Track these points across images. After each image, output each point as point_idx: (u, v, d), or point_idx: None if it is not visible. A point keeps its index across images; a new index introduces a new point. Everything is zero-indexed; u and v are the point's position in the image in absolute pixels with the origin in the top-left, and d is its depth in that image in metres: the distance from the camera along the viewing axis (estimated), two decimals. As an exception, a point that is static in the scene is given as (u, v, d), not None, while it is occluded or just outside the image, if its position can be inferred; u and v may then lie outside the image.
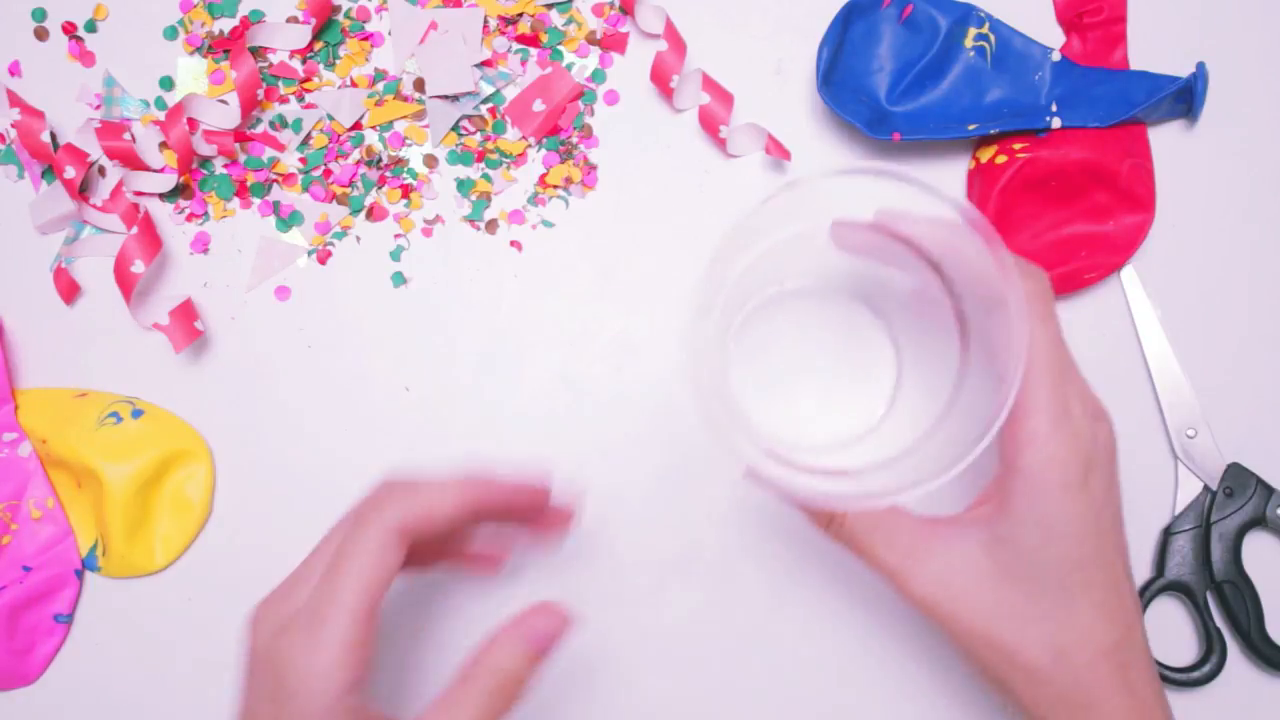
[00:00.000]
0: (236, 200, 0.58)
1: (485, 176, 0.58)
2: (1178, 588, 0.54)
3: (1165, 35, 0.57)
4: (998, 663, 0.37)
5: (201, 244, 0.57)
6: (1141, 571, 0.55)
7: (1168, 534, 0.54)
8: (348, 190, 0.58)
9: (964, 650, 0.38)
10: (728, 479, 0.56)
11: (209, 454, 0.56)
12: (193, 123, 0.57)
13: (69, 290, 0.57)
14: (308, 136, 0.58)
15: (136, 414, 0.55)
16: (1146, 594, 0.54)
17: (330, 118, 0.58)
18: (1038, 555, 0.35)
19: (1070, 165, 0.55)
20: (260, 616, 0.38)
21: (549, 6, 0.58)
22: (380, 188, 0.58)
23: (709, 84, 0.57)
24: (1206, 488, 0.54)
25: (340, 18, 0.58)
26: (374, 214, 0.58)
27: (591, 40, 0.58)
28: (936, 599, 0.37)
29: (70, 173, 0.55)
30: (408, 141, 0.58)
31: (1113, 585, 0.37)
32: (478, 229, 0.57)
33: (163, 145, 0.57)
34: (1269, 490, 0.54)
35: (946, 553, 0.37)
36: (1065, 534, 0.35)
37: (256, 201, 0.58)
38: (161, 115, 0.58)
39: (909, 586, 0.38)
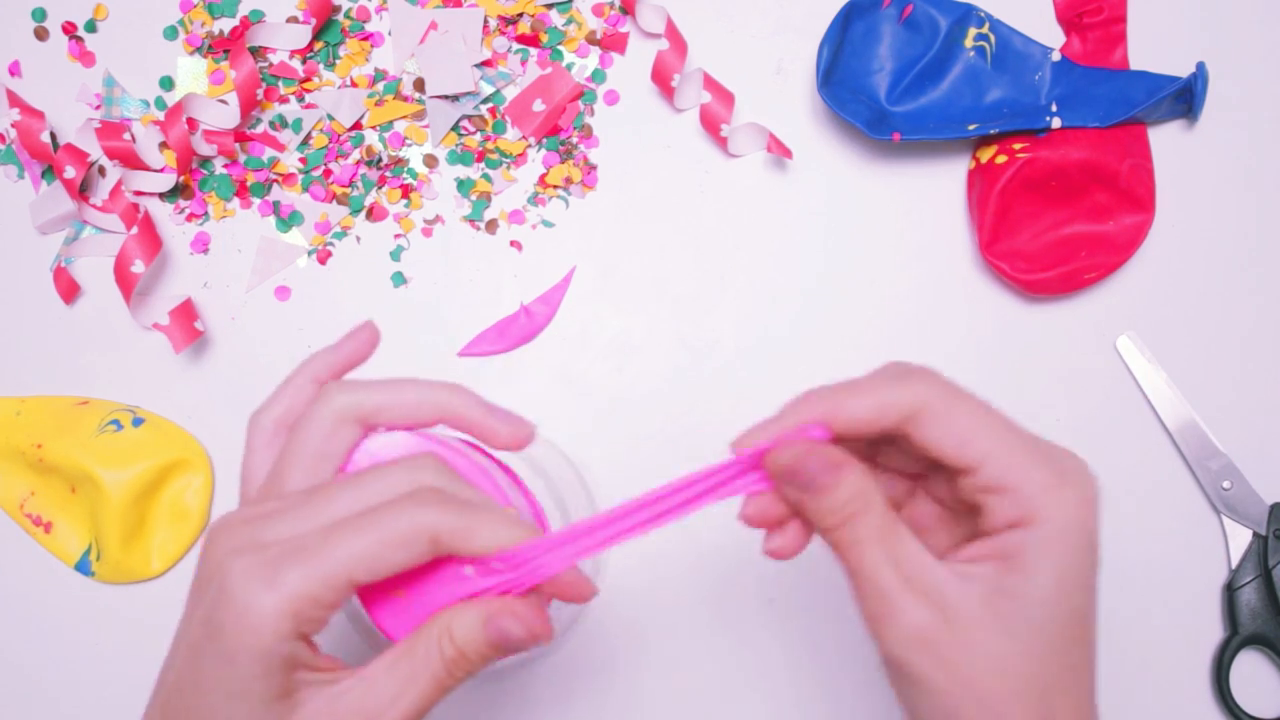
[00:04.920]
0: (236, 200, 0.58)
1: (485, 176, 0.58)
2: (1256, 641, 0.54)
3: (1165, 35, 0.57)
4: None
5: (201, 244, 0.57)
6: (1214, 633, 0.55)
7: (1231, 590, 0.54)
8: (348, 190, 0.58)
9: (943, 710, 0.33)
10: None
11: (208, 464, 0.56)
12: (193, 123, 0.57)
13: (69, 290, 0.57)
14: (308, 136, 0.58)
15: (137, 422, 0.55)
16: (1226, 653, 0.53)
17: (330, 118, 0.58)
18: (1049, 607, 0.32)
19: (1070, 165, 0.55)
20: (226, 526, 0.33)
21: (549, 6, 0.58)
22: (380, 188, 0.58)
23: (710, 83, 0.57)
24: (1256, 534, 0.54)
25: (340, 18, 0.58)
26: (374, 214, 0.58)
27: (591, 40, 0.58)
28: (928, 637, 0.32)
29: (70, 173, 0.55)
30: (408, 141, 0.58)
31: (1092, 646, 0.34)
32: (478, 229, 0.57)
33: (163, 145, 0.57)
34: None
35: (951, 591, 0.33)
36: (1075, 595, 0.32)
37: (256, 201, 0.58)
38: (161, 115, 0.58)
39: (900, 619, 0.33)
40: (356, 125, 0.58)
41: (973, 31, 0.56)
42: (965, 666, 0.32)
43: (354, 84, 0.58)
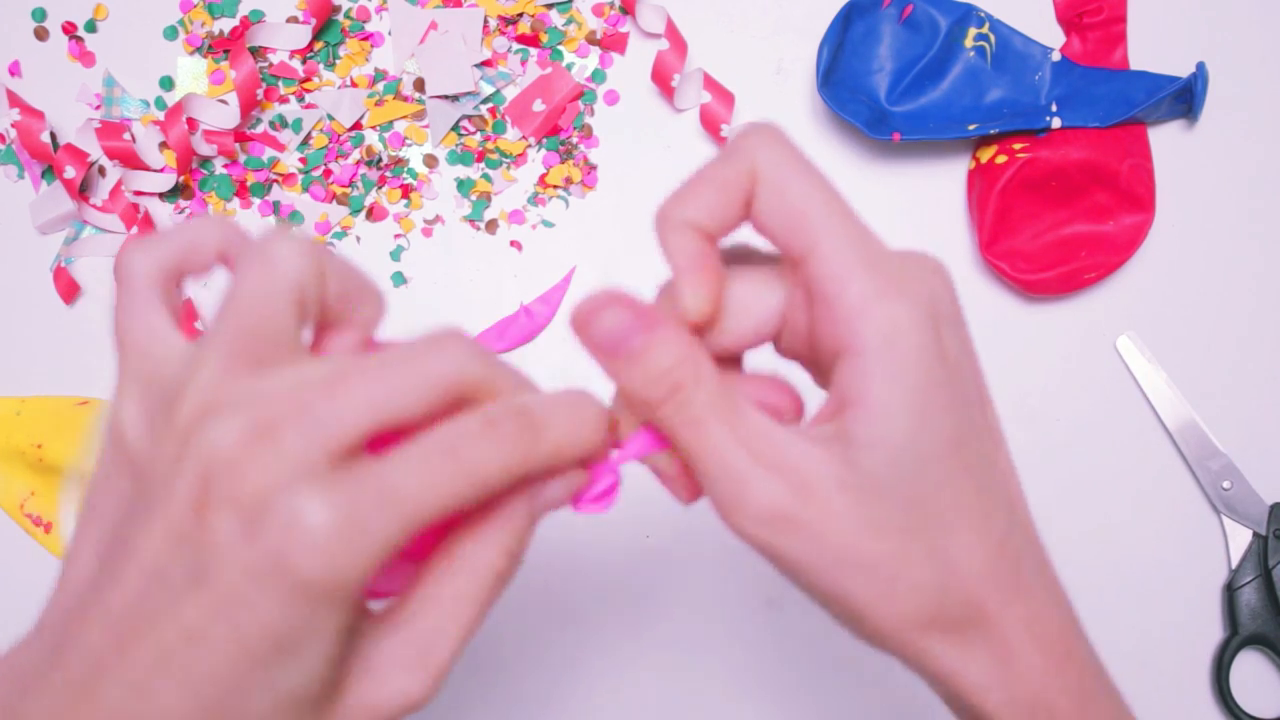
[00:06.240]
0: (236, 200, 0.58)
1: (485, 176, 0.58)
2: (1257, 641, 0.54)
3: (1165, 35, 0.57)
4: (872, 593, 0.28)
5: (201, 244, 0.57)
6: (1214, 633, 0.55)
7: (1231, 590, 0.54)
8: (348, 190, 0.58)
9: (825, 586, 0.29)
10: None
11: None
12: (192, 123, 0.57)
13: (69, 290, 0.57)
14: (308, 136, 0.58)
15: (136, 415, 0.55)
16: (1226, 654, 0.53)
17: (330, 118, 0.58)
18: (908, 450, 0.27)
19: (1070, 165, 0.55)
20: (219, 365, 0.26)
21: (549, 6, 0.58)
22: (380, 188, 0.58)
23: (710, 84, 0.57)
24: (1256, 534, 0.54)
25: (340, 18, 0.58)
26: (374, 214, 0.58)
27: (591, 40, 0.58)
28: (788, 512, 0.28)
29: (70, 173, 0.55)
30: (408, 141, 0.58)
31: (989, 468, 0.30)
32: (478, 229, 0.57)
33: (163, 145, 0.57)
34: None
35: (803, 459, 0.28)
36: (935, 421, 0.28)
37: (256, 201, 0.58)
38: (161, 115, 0.58)
39: (754, 496, 0.28)
40: (356, 125, 0.58)
41: (973, 31, 0.56)
42: (835, 535, 0.28)
43: (354, 84, 0.58)
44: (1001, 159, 0.55)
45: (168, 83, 0.58)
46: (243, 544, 0.24)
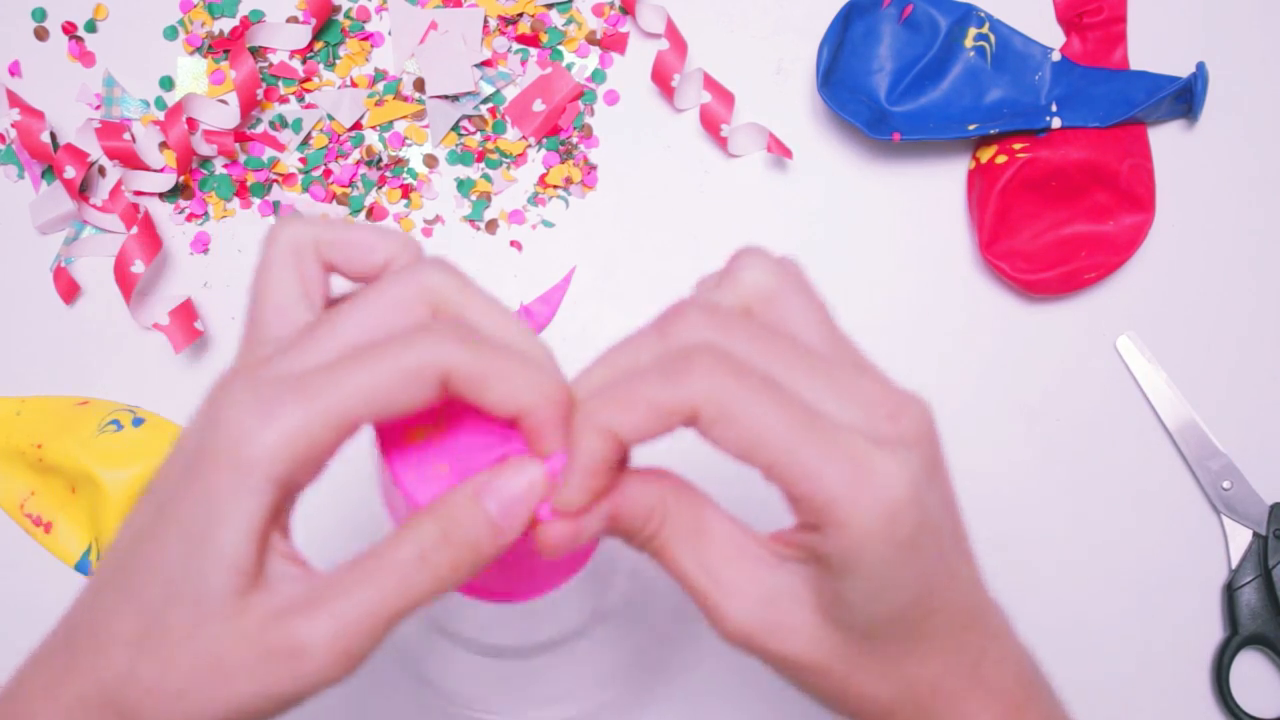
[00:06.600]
0: (236, 200, 0.58)
1: (485, 176, 0.58)
2: (1256, 641, 0.54)
3: (1165, 35, 0.57)
4: (832, 693, 0.31)
5: (201, 244, 0.57)
6: (1214, 633, 0.55)
7: (1231, 590, 0.54)
8: (348, 190, 0.58)
9: (793, 680, 0.32)
10: (725, 477, 0.55)
11: None
12: (192, 123, 0.57)
13: (69, 290, 0.57)
14: (308, 136, 0.58)
15: (137, 422, 0.55)
16: (1226, 654, 0.53)
17: (330, 118, 0.58)
18: (870, 611, 0.29)
19: (1070, 165, 0.55)
20: (234, 373, 0.29)
21: (549, 6, 0.58)
22: (380, 188, 0.58)
23: (710, 83, 0.57)
24: (1256, 534, 0.54)
25: (340, 18, 0.58)
26: (374, 214, 0.58)
27: (591, 40, 0.58)
28: (754, 632, 0.30)
29: (70, 173, 0.55)
30: (408, 141, 0.58)
31: (964, 611, 0.31)
32: (478, 229, 0.57)
33: (163, 145, 0.57)
34: None
35: (769, 579, 0.30)
36: (902, 592, 0.29)
37: (256, 201, 0.58)
38: (161, 115, 0.58)
39: (723, 617, 0.30)
40: (356, 125, 0.58)
41: (973, 31, 0.56)
42: (810, 633, 0.30)
43: (354, 84, 0.58)
44: (1001, 159, 0.55)
45: (168, 83, 0.58)
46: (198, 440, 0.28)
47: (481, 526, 0.29)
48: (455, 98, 0.57)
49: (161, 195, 0.57)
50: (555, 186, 0.58)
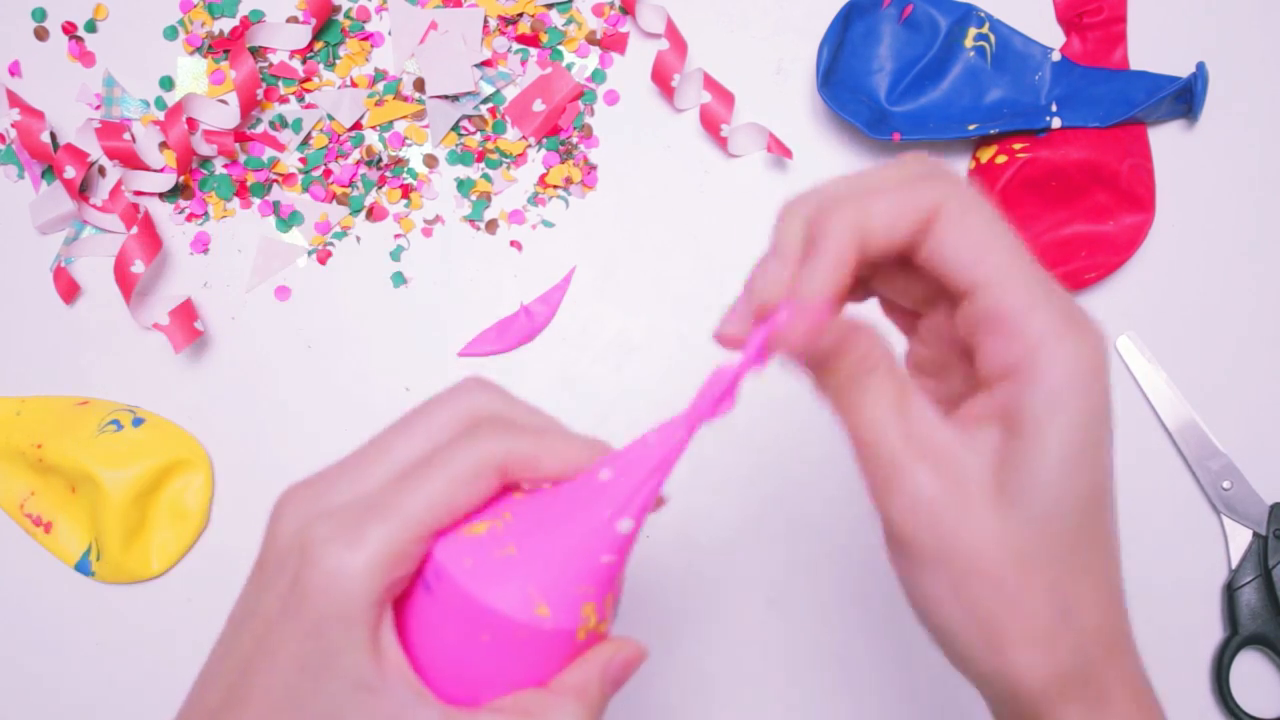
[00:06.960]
0: (236, 200, 0.58)
1: (485, 176, 0.58)
2: (1257, 641, 0.54)
3: (1165, 35, 0.57)
4: (991, 610, 0.29)
5: (201, 244, 0.57)
6: (1214, 633, 0.55)
7: (1231, 590, 0.54)
8: (348, 190, 0.58)
9: (946, 582, 0.30)
10: (725, 478, 0.56)
11: (209, 464, 0.56)
12: (192, 123, 0.57)
13: (69, 290, 0.57)
14: (308, 136, 0.58)
15: (137, 422, 0.55)
16: (1226, 654, 0.53)
17: (330, 118, 0.58)
18: (1055, 486, 0.28)
19: (1070, 165, 0.55)
20: (292, 499, 0.30)
21: (549, 6, 0.58)
22: (380, 188, 0.58)
23: (710, 83, 0.57)
24: (1256, 534, 0.54)
25: (340, 18, 0.58)
26: (374, 214, 0.58)
27: (591, 40, 0.58)
28: (932, 507, 0.29)
29: (70, 173, 0.55)
30: (408, 141, 0.58)
31: (1114, 525, 0.32)
32: (478, 229, 0.57)
33: (163, 145, 0.57)
34: None
35: (960, 452, 0.29)
36: (1091, 475, 0.29)
37: (256, 201, 0.58)
38: (161, 115, 0.58)
39: (902, 488, 0.29)
40: (356, 125, 0.58)
41: (973, 31, 0.56)
42: (970, 541, 0.29)
43: (354, 84, 0.58)
44: (1001, 159, 0.55)
45: (168, 83, 0.58)
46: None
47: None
48: (455, 98, 0.57)
49: (161, 195, 0.57)
50: (555, 186, 0.58)
